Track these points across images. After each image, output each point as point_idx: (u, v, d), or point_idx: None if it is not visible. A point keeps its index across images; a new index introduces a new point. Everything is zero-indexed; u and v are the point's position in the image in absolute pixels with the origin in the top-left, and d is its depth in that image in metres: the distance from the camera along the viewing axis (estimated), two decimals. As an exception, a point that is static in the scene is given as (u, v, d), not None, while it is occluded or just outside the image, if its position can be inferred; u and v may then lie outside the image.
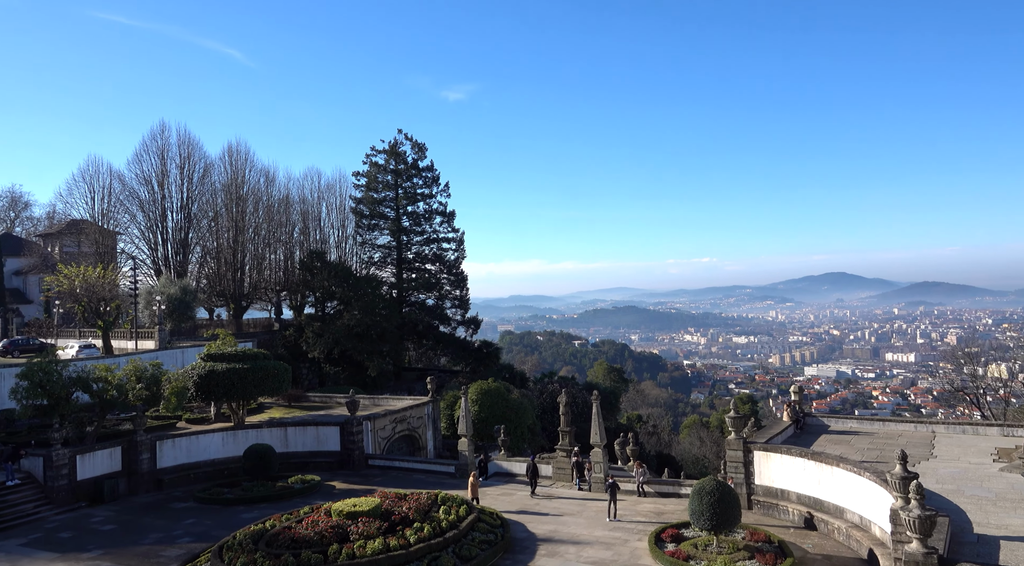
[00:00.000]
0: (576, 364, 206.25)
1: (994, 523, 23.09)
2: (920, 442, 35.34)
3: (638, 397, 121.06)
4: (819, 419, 42.01)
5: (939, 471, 29.73)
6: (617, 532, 29.96)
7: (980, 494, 26.33)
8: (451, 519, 28.63)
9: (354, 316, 68.78)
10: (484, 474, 40.33)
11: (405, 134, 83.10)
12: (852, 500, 28.23)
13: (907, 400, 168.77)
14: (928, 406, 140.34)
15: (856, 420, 43.38)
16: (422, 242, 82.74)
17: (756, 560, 25.00)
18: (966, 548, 20.98)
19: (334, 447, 44.29)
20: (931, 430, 38.23)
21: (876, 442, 35.76)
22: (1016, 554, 20.41)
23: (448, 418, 58.29)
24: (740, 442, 33.16)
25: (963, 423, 39.56)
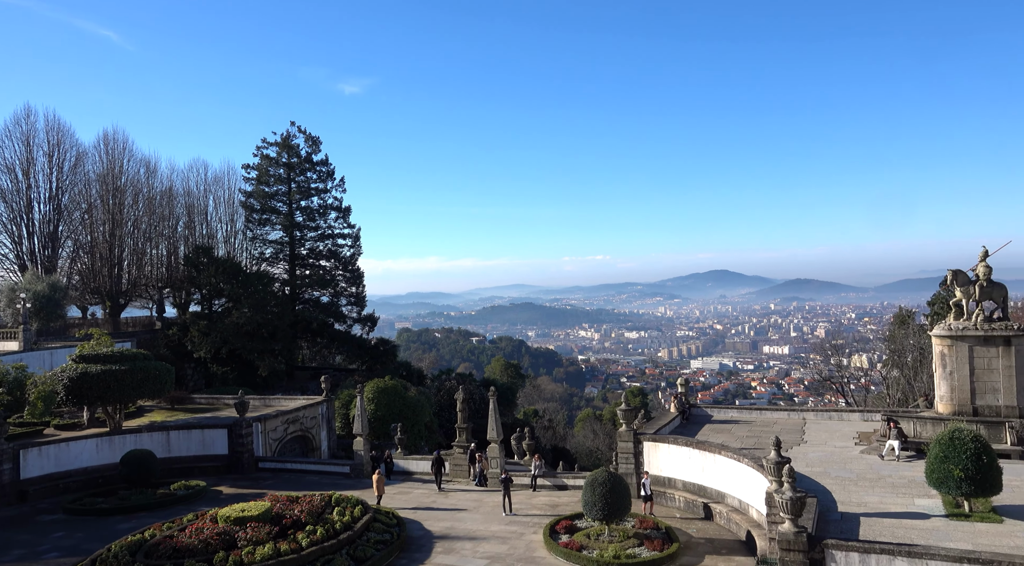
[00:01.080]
0: (474, 361, 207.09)
1: (855, 501, 25.16)
2: (793, 429, 37.90)
3: (535, 392, 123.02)
4: (703, 410, 44.22)
5: (809, 455, 32.02)
6: (513, 526, 30.47)
7: (844, 475, 28.59)
8: (345, 520, 28.22)
9: (244, 314, 66.20)
10: (390, 473, 40.02)
11: (299, 127, 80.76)
12: (733, 485, 29.99)
13: (782, 390, 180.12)
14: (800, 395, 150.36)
15: (736, 410, 45.96)
16: (316, 238, 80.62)
17: (645, 546, 26.12)
18: (831, 525, 22.76)
19: (222, 450, 42.56)
20: (802, 417, 41.07)
21: (754, 430, 38.04)
22: (873, 529, 22.35)
23: (343, 418, 57.21)
24: (631, 433, 34.47)
25: (829, 410, 42.75)
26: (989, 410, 32.44)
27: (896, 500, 25.14)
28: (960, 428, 24.40)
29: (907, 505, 24.54)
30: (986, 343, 32.71)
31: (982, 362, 32.76)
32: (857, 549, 20.09)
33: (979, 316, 33.22)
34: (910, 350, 63.96)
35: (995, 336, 32.57)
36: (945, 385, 33.56)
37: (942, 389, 33.78)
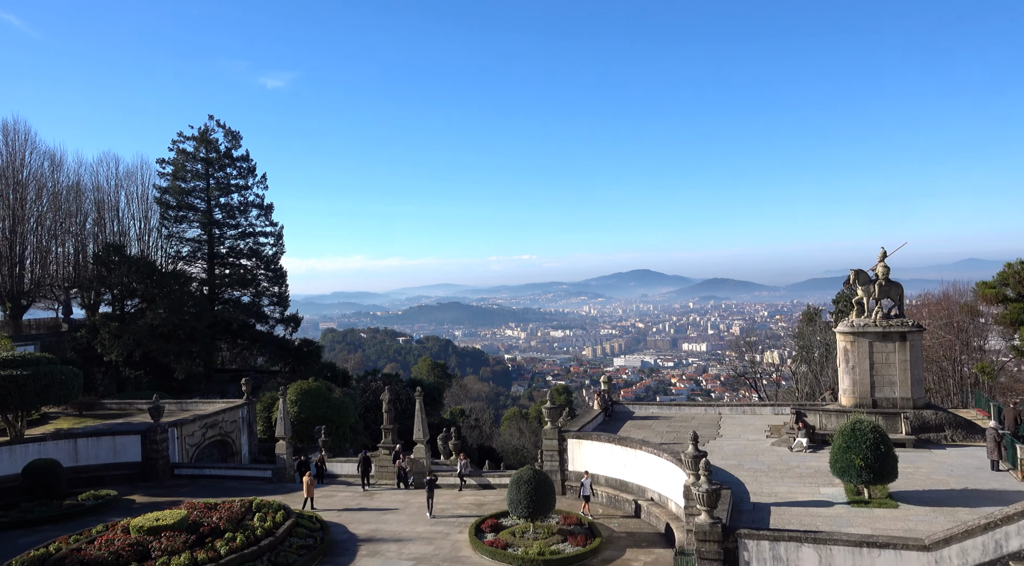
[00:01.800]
0: (400, 361, 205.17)
1: (766, 492, 26.45)
2: (709, 423, 39.39)
3: (461, 392, 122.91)
4: (625, 406, 45.37)
5: (724, 448, 33.39)
6: (439, 526, 30.55)
7: (756, 467, 29.98)
8: (267, 526, 27.66)
9: (159, 315, 63.61)
10: (322, 477, 39.40)
11: (217, 121, 78.02)
12: (653, 480, 30.95)
13: (700, 386, 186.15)
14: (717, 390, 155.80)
15: (657, 406, 47.37)
16: (237, 236, 78.15)
17: (569, 542, 26.70)
18: (744, 515, 23.87)
19: (135, 458, 40.85)
20: (718, 412, 42.72)
21: (673, 425, 39.33)
22: (783, 517, 23.58)
23: (265, 421, 55.83)
24: (555, 431, 35.07)
25: (743, 405, 44.65)
26: (887, 402, 34.61)
27: (803, 489, 26.57)
28: (861, 420, 25.98)
29: (813, 494, 25.98)
30: (884, 339, 34.88)
31: (881, 357, 34.92)
32: (767, 537, 21.16)
33: (878, 313, 35.38)
34: (817, 346, 67.34)
35: (892, 332, 34.78)
36: (848, 379, 35.60)
37: (845, 383, 35.82)
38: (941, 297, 64.84)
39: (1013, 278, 55.10)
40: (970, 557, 19.66)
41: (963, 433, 33.13)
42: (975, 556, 19.65)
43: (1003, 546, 19.55)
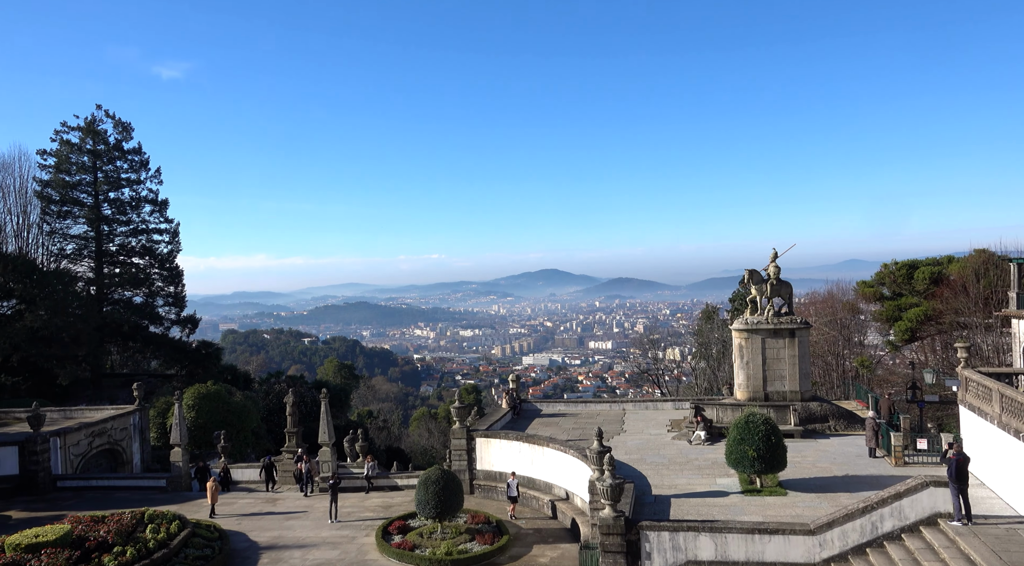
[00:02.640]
0: (306, 362, 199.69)
1: (667, 484, 27.45)
2: (614, 419, 40.46)
3: (369, 393, 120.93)
4: (534, 404, 45.96)
5: (628, 443, 34.39)
6: (345, 530, 30.00)
7: (657, 460, 31.04)
8: (160, 538, 26.36)
9: (39, 317, 59.29)
10: (227, 483, 37.80)
11: (106, 111, 73.48)
12: (560, 476, 31.51)
13: (605, 383, 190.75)
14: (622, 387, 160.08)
15: (564, 403, 48.20)
16: (128, 233, 73.85)
17: (476, 541, 26.81)
18: (646, 508, 24.69)
19: (11, 470, 37.98)
20: (622, 408, 43.92)
21: (580, 422, 40.15)
22: (682, 508, 24.54)
23: (159, 427, 53.08)
24: (464, 430, 35.11)
25: (646, 400, 46.11)
26: (778, 395, 36.60)
27: (701, 481, 27.73)
28: (754, 412, 27.38)
29: (710, 485, 27.16)
30: (775, 335, 36.87)
31: (772, 352, 36.89)
32: (667, 528, 21.97)
33: (770, 311, 37.36)
34: (715, 343, 70.36)
35: (783, 329, 36.81)
36: (743, 374, 37.41)
37: (740, 377, 37.62)
38: (826, 295, 69.12)
39: (889, 278, 59.41)
40: (850, 538, 21.10)
41: (845, 423, 35.43)
42: (854, 537, 21.10)
43: (879, 527, 21.10)
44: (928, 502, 21.03)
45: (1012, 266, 44.95)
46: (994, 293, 48.83)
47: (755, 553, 21.32)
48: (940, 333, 53.33)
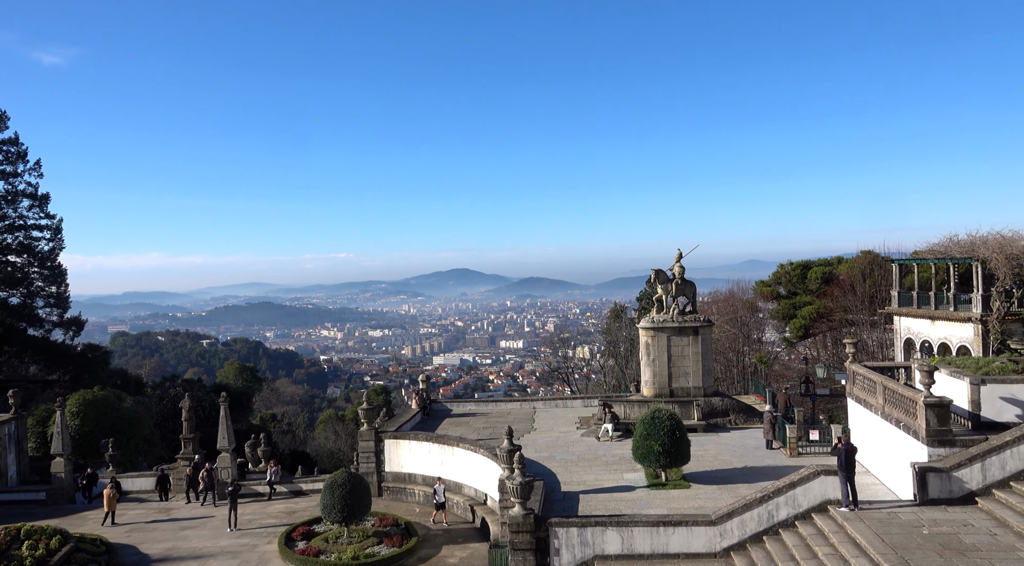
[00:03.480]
0: (204, 365, 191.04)
1: (576, 480, 27.69)
2: (524, 418, 40.58)
3: (273, 396, 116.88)
4: (444, 404, 45.54)
5: (538, 441, 34.54)
6: (245, 538, 28.71)
7: (566, 457, 31.30)
8: (38, 555, 24.44)
9: (-103, 318, 54.01)
10: (120, 492, 35.35)
11: (-23, 95, 67.76)
12: (470, 476, 31.28)
13: (517, 381, 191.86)
14: (532, 386, 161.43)
15: (474, 403, 48.01)
16: (3, 229, 68.33)
17: (385, 544, 26.23)
18: (555, 505, 24.80)
19: None
20: (533, 407, 44.15)
21: (490, 421, 40.05)
22: (590, 504, 24.79)
23: (39, 437, 49.27)
24: (372, 432, 34.35)
25: (556, 399, 46.55)
26: (682, 391, 37.69)
27: (609, 476, 28.13)
28: (659, 408, 28.02)
29: (618, 480, 27.59)
30: (680, 333, 37.95)
31: (677, 350, 37.95)
32: (576, 524, 22.12)
33: (675, 310, 38.42)
34: (623, 341, 71.89)
35: (687, 327, 37.94)
36: (649, 371, 38.31)
37: (646, 374, 38.50)
38: (727, 294, 71.96)
39: (784, 278, 62.41)
40: (748, 527, 21.88)
41: (744, 417, 36.85)
42: (752, 526, 21.89)
43: (775, 515, 21.97)
44: (819, 490, 22.05)
45: (894, 267, 48.07)
46: (878, 292, 52.09)
47: (660, 545, 21.78)
48: (831, 330, 56.46)
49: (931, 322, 42.91)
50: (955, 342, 41.02)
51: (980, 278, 39.38)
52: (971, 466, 20.89)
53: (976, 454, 21.00)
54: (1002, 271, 37.93)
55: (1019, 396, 22.80)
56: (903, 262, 47.79)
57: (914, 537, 18.76)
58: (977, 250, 39.57)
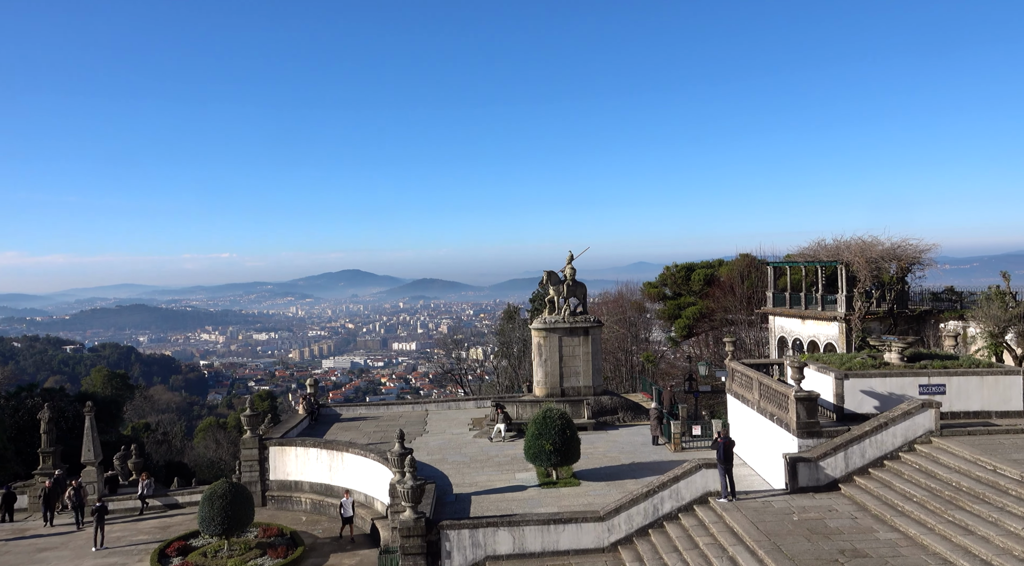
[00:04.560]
0: (68, 373, 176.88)
1: (468, 482, 27.55)
2: (417, 420, 40.07)
3: (147, 404, 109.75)
4: (333, 409, 44.27)
5: (430, 444, 34.16)
6: (113, 557, 26.73)
7: (459, 459, 31.11)
8: None
9: None
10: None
11: None
12: (360, 481, 30.51)
13: (409, 384, 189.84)
14: (426, 388, 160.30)
15: (365, 406, 46.99)
16: None
17: (268, 555, 25.13)
18: (447, 507, 24.55)
19: None
20: (425, 409, 43.69)
21: (381, 425, 39.26)
22: (482, 505, 24.71)
23: None
24: (255, 439, 32.89)
25: (449, 400, 46.28)
26: (573, 391, 38.36)
27: (501, 476, 28.18)
28: (551, 408, 28.33)
29: (510, 480, 27.67)
30: (571, 334, 38.63)
31: (569, 350, 38.61)
32: (468, 526, 21.98)
33: (567, 311, 39.07)
34: (516, 342, 72.51)
35: (578, 327, 38.66)
36: (541, 371, 38.75)
37: (539, 375, 38.94)
38: (616, 295, 74.00)
39: (670, 279, 64.91)
40: (635, 522, 22.48)
41: (632, 414, 37.95)
42: (639, 520, 22.51)
43: (659, 509, 22.68)
44: (701, 483, 22.97)
45: (769, 269, 51.04)
46: (755, 292, 55.15)
47: (550, 543, 22.00)
48: (713, 329, 59.24)
49: (802, 321, 45.84)
50: (823, 339, 44.00)
51: (844, 280, 42.43)
52: (835, 455, 22.37)
53: (839, 444, 22.51)
54: (863, 274, 41.02)
55: (877, 389, 24.65)
56: (777, 265, 50.84)
57: (785, 523, 19.86)
58: (841, 254, 42.63)
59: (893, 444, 22.53)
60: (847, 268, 42.16)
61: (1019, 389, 24.20)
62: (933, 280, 45.90)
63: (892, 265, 42.01)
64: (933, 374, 24.52)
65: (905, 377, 24.56)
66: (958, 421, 23.73)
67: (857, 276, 41.62)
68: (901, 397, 24.08)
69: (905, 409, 22.82)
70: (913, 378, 24.51)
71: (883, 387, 24.60)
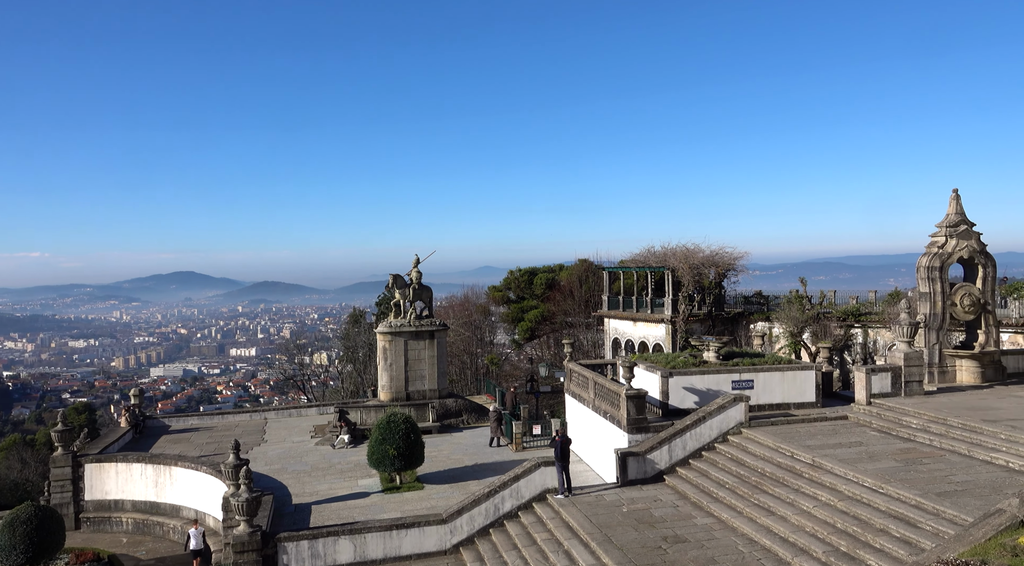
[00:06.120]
0: None
1: (308, 492, 26.86)
2: (254, 429, 38.39)
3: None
4: (161, 420, 41.44)
5: (268, 453, 32.89)
6: None
7: (299, 468, 30.23)
8: None
9: None
10: None
11: None
12: (190, 497, 28.82)
13: (248, 392, 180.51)
14: (266, 395, 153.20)
15: (198, 417, 44.25)
16: None
17: (82, 583, 23.07)
18: (286, 519, 23.82)
19: None
20: (264, 417, 41.95)
21: (215, 436, 37.23)
22: (323, 514, 24.22)
23: None
24: (68, 456, 30.16)
25: (290, 408, 44.74)
26: (419, 394, 38.44)
27: (343, 484, 27.74)
28: (395, 412, 28.29)
29: (352, 487, 27.32)
30: (417, 337, 38.70)
31: (414, 353, 38.64)
32: (307, 537, 21.47)
33: (412, 314, 39.10)
34: (362, 346, 71.27)
35: (423, 331, 38.79)
36: (386, 375, 38.49)
37: (384, 379, 38.64)
38: (463, 299, 74.84)
39: (514, 283, 66.68)
40: (477, 522, 23.01)
41: (476, 416, 38.64)
42: (480, 520, 23.06)
43: (500, 508, 23.37)
44: (540, 481, 23.91)
45: (604, 274, 53.86)
46: (593, 296, 57.98)
47: (393, 549, 21.99)
48: (553, 331, 61.52)
49: (633, 323, 48.82)
50: (652, 340, 47.11)
51: (670, 285, 45.70)
52: (661, 448, 24.13)
53: (664, 438, 24.31)
54: (687, 279, 44.42)
55: (697, 385, 26.88)
56: (611, 270, 53.80)
57: (615, 515, 21.17)
58: (668, 260, 45.93)
59: (710, 436, 24.65)
60: (673, 273, 45.48)
61: (812, 383, 27.35)
62: (746, 285, 50.68)
63: (711, 271, 45.85)
64: (744, 371, 27.11)
65: (720, 374, 26.97)
66: (764, 413, 26.38)
67: (682, 281, 45.00)
68: (717, 392, 26.41)
69: (720, 404, 25.04)
70: (727, 375, 26.97)
71: (702, 384, 26.86)
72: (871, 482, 18.91)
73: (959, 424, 22.32)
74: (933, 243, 29.54)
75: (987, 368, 28.68)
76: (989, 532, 13.33)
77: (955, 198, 29.61)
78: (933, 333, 28.83)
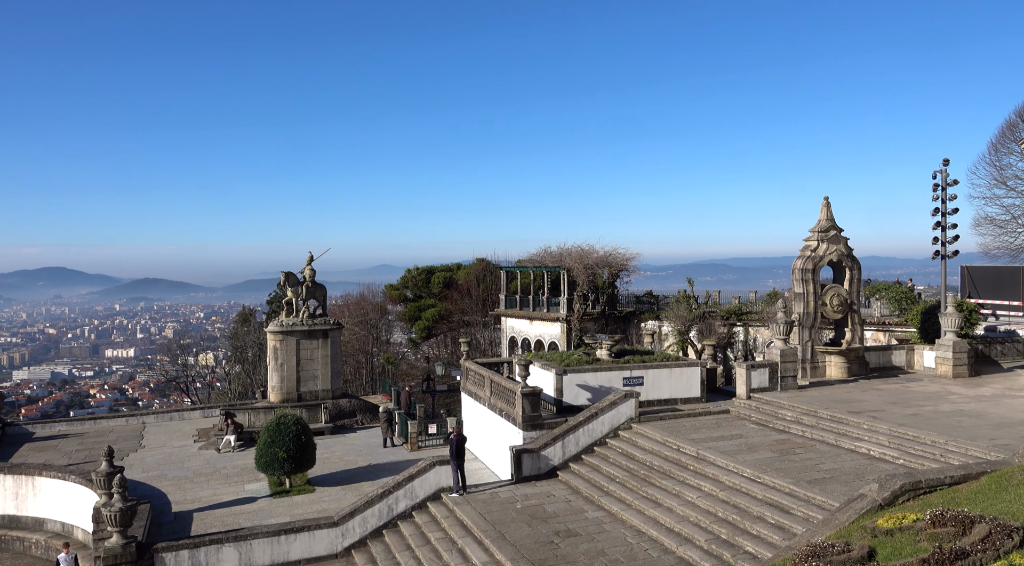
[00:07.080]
0: None
1: (190, 498, 25.53)
2: (131, 435, 36.11)
3: None
4: (24, 427, 38.26)
5: (146, 460, 31.01)
6: None
7: (181, 474, 28.68)
8: None
9: None
10: None
11: None
12: (55, 509, 26.79)
13: (125, 395, 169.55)
14: (146, 398, 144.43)
15: (67, 423, 41.15)
16: None
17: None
18: (165, 528, 22.52)
19: None
20: (142, 422, 39.53)
21: (87, 442, 34.74)
22: (206, 522, 23.07)
23: None
24: (-88, 470, 27.23)
25: (171, 411, 42.40)
26: (311, 395, 37.35)
27: (229, 489, 26.55)
28: (285, 414, 27.36)
29: (238, 492, 26.18)
30: (310, 337, 37.59)
31: (307, 353, 37.51)
32: (187, 546, 20.38)
33: (305, 313, 37.94)
34: (251, 346, 68.54)
35: (317, 330, 37.73)
36: (277, 376, 37.16)
37: (274, 380, 37.30)
38: (358, 297, 73.38)
39: (411, 282, 66.05)
40: (369, 524, 22.59)
41: (371, 416, 37.95)
42: (373, 522, 22.66)
43: (394, 509, 23.05)
44: (434, 480, 23.76)
45: (502, 273, 54.25)
46: (490, 295, 58.25)
47: (280, 554, 21.23)
48: (451, 330, 61.35)
49: (530, 322, 49.44)
50: (548, 339, 47.86)
51: (566, 284, 46.59)
52: (554, 445, 24.53)
53: (558, 434, 24.73)
54: (581, 278, 45.42)
55: (590, 383, 27.50)
56: (509, 269, 54.27)
57: (509, 512, 21.34)
58: (564, 260, 46.82)
59: (602, 432, 25.28)
60: (569, 273, 46.39)
61: (698, 379, 28.59)
62: (638, 285, 52.45)
63: (605, 271, 47.11)
64: (634, 368, 27.99)
65: (612, 371, 27.72)
66: (653, 408, 27.33)
67: (577, 281, 45.98)
68: (609, 389, 27.12)
69: (611, 400, 25.73)
70: (619, 372, 27.75)
71: (595, 381, 27.51)
72: (750, 472, 19.95)
73: (828, 416, 23.94)
74: (807, 247, 31.54)
75: (853, 363, 30.91)
76: (852, 516, 14.36)
77: (826, 205, 31.74)
78: (806, 331, 30.77)
